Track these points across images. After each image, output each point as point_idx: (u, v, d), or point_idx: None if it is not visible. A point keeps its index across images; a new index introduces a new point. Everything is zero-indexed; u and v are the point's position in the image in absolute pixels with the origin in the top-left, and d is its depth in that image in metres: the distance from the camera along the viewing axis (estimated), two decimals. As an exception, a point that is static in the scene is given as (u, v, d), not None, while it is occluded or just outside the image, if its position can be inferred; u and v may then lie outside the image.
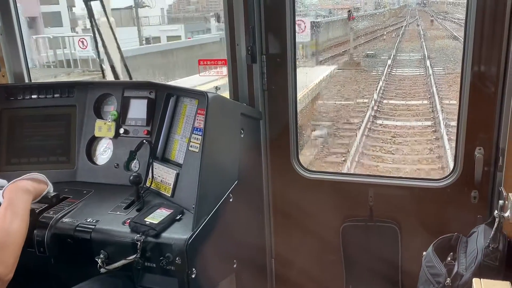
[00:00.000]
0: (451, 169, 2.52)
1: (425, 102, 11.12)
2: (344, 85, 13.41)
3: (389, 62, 15.61)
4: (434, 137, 8.65)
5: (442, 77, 12.95)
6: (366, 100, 11.44)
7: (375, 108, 10.54)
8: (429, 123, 9.53)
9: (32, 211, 1.91)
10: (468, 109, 2.33)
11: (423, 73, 14.24)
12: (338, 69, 14.95)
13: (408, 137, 8.83)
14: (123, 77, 2.86)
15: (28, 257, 1.80)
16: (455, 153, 2.48)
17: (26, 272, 1.71)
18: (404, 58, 17.05)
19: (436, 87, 11.62)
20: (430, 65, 14.44)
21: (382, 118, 9.96)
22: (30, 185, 1.94)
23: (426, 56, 16.11)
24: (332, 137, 9.08)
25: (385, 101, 11.32)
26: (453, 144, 2.62)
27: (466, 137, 2.38)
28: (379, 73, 14.22)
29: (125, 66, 2.86)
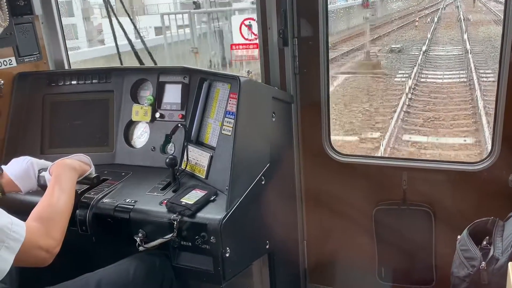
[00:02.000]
0: (488, 152, 2.46)
1: (469, 141, 7.95)
2: (349, 104, 9.84)
3: (419, 60, 12.81)
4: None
5: (492, 88, 9.35)
6: (376, 135, 8.02)
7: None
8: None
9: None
10: (507, 90, 2.25)
11: (464, 78, 11.24)
12: (349, 73, 12.06)
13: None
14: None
15: (72, 235, 1.89)
16: (493, 136, 2.41)
17: (70, 249, 1.80)
18: (440, 53, 14.19)
19: (485, 110, 8.33)
20: (475, 67, 11.42)
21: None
22: (77, 163, 2.04)
23: (469, 52, 13.35)
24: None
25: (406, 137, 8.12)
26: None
27: (504, 119, 2.30)
28: (404, 79, 11.26)
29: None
